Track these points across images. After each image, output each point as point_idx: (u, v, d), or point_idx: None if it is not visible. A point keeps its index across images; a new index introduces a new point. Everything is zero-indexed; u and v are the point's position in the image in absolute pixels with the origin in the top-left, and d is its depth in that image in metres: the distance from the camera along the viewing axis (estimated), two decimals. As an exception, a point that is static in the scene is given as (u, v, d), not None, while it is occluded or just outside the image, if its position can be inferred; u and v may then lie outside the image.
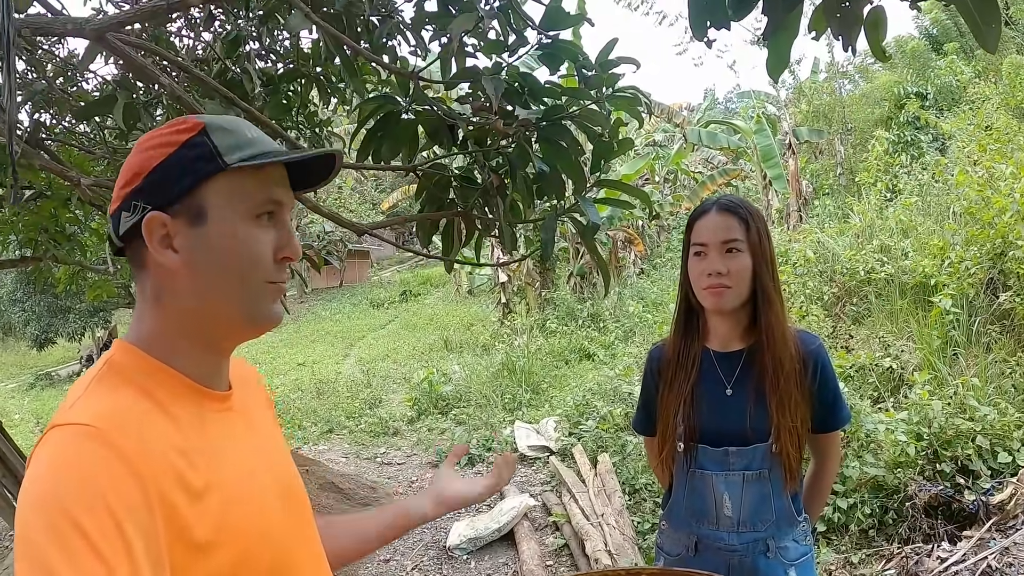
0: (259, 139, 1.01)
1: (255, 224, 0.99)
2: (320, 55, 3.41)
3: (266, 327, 1.04)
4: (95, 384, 0.93)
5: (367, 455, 8.32)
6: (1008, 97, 11.49)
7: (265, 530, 0.98)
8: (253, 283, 0.99)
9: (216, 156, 0.95)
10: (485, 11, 2.33)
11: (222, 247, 0.96)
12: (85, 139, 4.35)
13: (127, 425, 0.86)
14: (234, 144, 0.97)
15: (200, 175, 0.95)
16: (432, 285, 27.68)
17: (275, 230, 1.01)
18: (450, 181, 2.83)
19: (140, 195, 0.96)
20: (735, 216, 1.82)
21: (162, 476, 0.85)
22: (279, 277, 1.02)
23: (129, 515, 0.79)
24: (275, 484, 1.05)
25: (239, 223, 0.97)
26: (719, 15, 1.58)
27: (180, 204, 0.95)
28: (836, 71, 19.30)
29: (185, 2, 1.73)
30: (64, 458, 0.82)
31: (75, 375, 23.46)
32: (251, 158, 0.97)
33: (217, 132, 0.97)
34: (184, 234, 0.95)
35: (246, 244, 0.98)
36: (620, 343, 11.00)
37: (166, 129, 0.99)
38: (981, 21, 1.31)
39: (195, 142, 0.96)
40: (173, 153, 0.95)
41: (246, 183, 0.98)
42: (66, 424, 0.85)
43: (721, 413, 1.88)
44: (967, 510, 3.79)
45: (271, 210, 1.00)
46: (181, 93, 2.13)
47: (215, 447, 0.96)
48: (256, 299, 1.01)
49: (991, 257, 5.85)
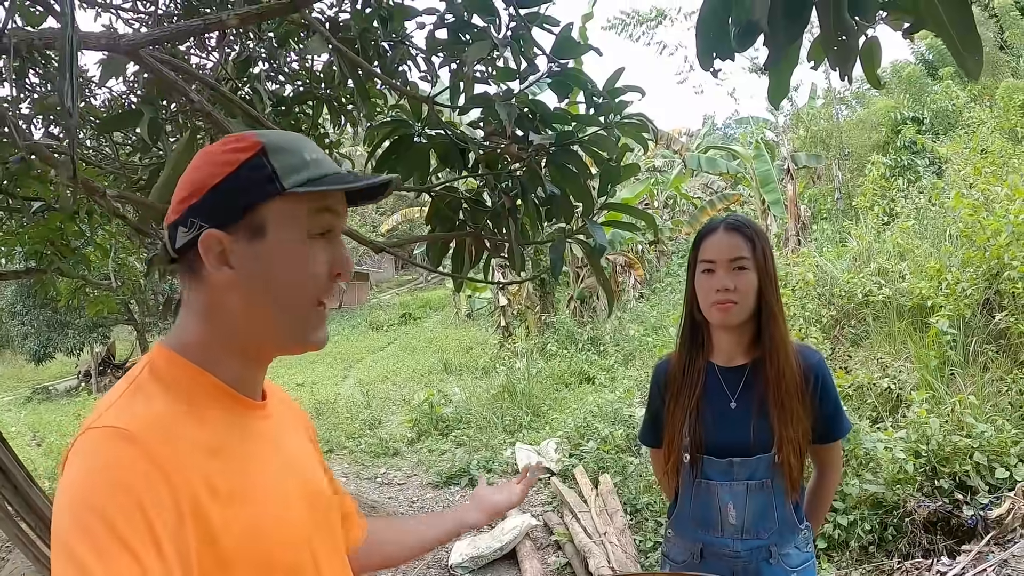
0: (318, 160, 1.01)
1: (312, 243, 1.00)
2: (333, 78, 3.50)
3: (312, 348, 1.05)
4: (132, 389, 0.95)
5: (367, 475, 8.32)
6: (1003, 121, 11.63)
7: (290, 536, 0.99)
8: (306, 302, 1.01)
9: (275, 179, 0.97)
10: (498, 39, 2.43)
11: (279, 265, 0.98)
12: (92, 154, 4.42)
13: (160, 430, 0.88)
14: (292, 166, 0.98)
15: (258, 197, 0.97)
16: (431, 308, 27.68)
17: (330, 247, 1.03)
18: (461, 203, 2.92)
19: (198, 212, 0.97)
20: (742, 235, 1.90)
21: (193, 481, 0.87)
22: (330, 295, 1.03)
23: (159, 514, 0.81)
24: (303, 492, 1.06)
25: (297, 242, 0.99)
26: (724, 46, 1.67)
27: (237, 223, 0.97)
28: (833, 97, 19.50)
29: (223, 23, 1.81)
30: (97, 460, 0.84)
31: (73, 390, 23.40)
32: (308, 182, 0.98)
33: (276, 153, 0.98)
34: (240, 251, 0.97)
35: (303, 262, 0.99)
36: (620, 366, 11.02)
37: (226, 146, 1.00)
38: (963, 50, 1.39)
39: (254, 163, 0.97)
40: (232, 173, 0.97)
41: (304, 204, 0.99)
42: (100, 427, 0.87)
43: (725, 425, 1.95)
44: (965, 525, 3.84)
45: (328, 229, 1.02)
46: (211, 110, 2.22)
47: (247, 453, 0.99)
48: (306, 318, 1.02)
49: (987, 278, 5.92)
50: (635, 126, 2.60)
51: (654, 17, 22.28)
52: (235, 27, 1.82)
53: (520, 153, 2.54)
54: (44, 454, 11.23)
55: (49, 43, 2.29)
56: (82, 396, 19.46)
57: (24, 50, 2.34)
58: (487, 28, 2.58)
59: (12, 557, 5.65)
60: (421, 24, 2.92)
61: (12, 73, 3.12)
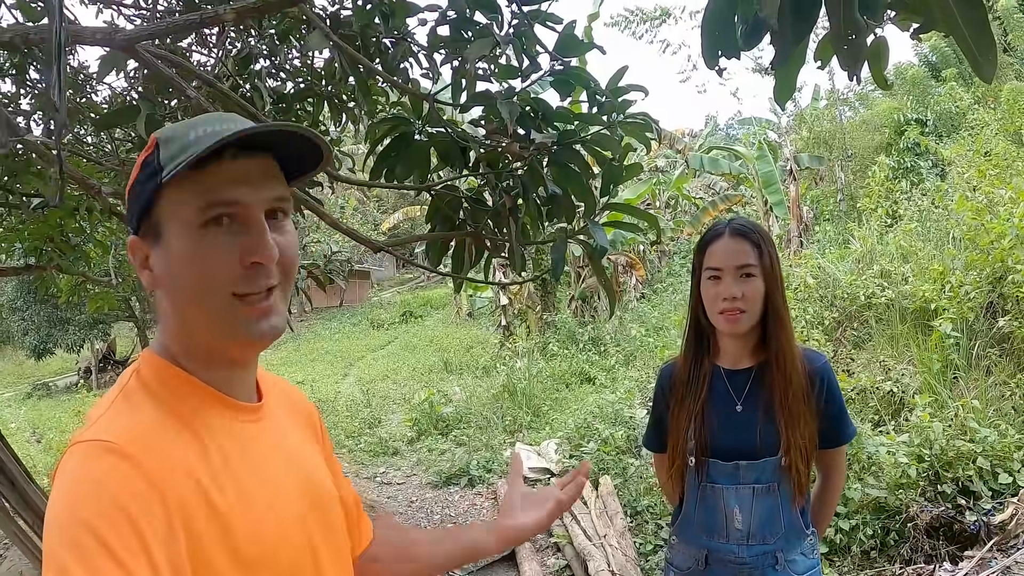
0: (204, 136, 0.90)
1: (203, 233, 0.91)
2: (334, 74, 3.48)
3: (254, 343, 0.97)
4: (120, 400, 0.93)
5: (367, 474, 8.30)
6: (1007, 123, 11.59)
7: (289, 539, 0.98)
8: (218, 297, 0.92)
9: (158, 171, 0.91)
10: (501, 37, 2.40)
11: (178, 263, 0.92)
12: (92, 151, 4.41)
13: (149, 441, 0.87)
14: (174, 152, 0.90)
15: (148, 195, 0.92)
16: (432, 307, 27.68)
17: (236, 234, 0.92)
18: (462, 202, 2.89)
19: (128, 219, 0.99)
20: (748, 240, 1.88)
21: (184, 490, 0.86)
22: (247, 287, 0.93)
23: (150, 527, 0.80)
24: (303, 492, 1.04)
25: (188, 233, 0.91)
26: (730, 44, 1.64)
27: (144, 226, 0.95)
28: (836, 98, 19.47)
29: (219, 18, 1.78)
30: (85, 473, 0.83)
31: (73, 386, 23.42)
32: (180, 164, 0.88)
33: (164, 144, 0.92)
34: (153, 255, 0.95)
35: (199, 255, 0.91)
36: (621, 367, 11.00)
37: (143, 151, 0.97)
38: (978, 53, 1.36)
39: (148, 160, 0.93)
40: (137, 175, 0.95)
41: (184, 192, 0.90)
42: (89, 440, 0.86)
43: (731, 428, 1.93)
44: (968, 531, 3.82)
45: (222, 213, 0.91)
46: (207, 106, 2.19)
47: (241, 458, 0.96)
48: (224, 315, 0.93)
49: (990, 281, 5.90)
50: (638, 125, 2.58)
51: (658, 16, 22.25)
52: (232, 22, 1.79)
53: (522, 152, 2.52)
54: (43, 451, 11.24)
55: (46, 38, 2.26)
56: (82, 392, 19.43)
57: (21, 45, 2.31)
58: (489, 25, 2.56)
59: (10, 554, 5.63)
60: (423, 21, 2.89)
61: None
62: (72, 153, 4.09)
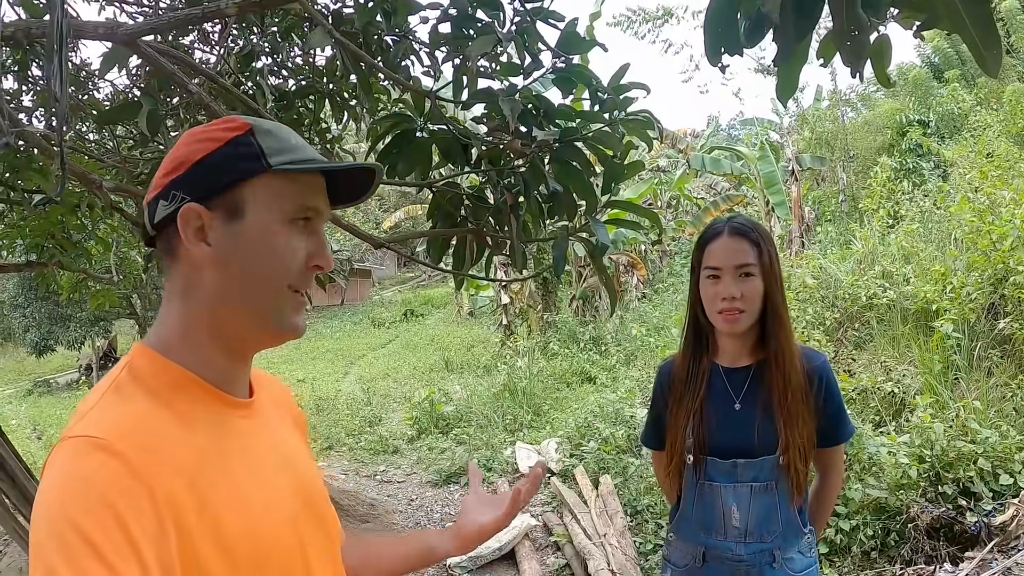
0: (302, 146, 1.01)
1: (290, 228, 0.99)
2: (336, 72, 3.47)
3: (286, 336, 1.03)
4: (111, 393, 0.92)
5: (367, 472, 8.30)
6: (1009, 124, 11.59)
7: (279, 534, 0.97)
8: (278, 285, 0.99)
9: (261, 156, 0.96)
10: (503, 34, 2.40)
11: (255, 245, 0.97)
12: (94, 148, 4.41)
13: (139, 437, 0.86)
14: (279, 148, 0.98)
15: (243, 173, 0.96)
16: (433, 305, 27.70)
17: (309, 237, 1.01)
18: (463, 199, 2.89)
19: (181, 185, 0.96)
20: (747, 239, 1.87)
21: (174, 487, 0.85)
22: (304, 284, 1.02)
23: (139, 525, 0.79)
24: (295, 490, 1.04)
25: (275, 224, 0.98)
26: (733, 41, 1.64)
27: (219, 198, 0.96)
28: (839, 99, 19.45)
29: (220, 12, 1.78)
30: (73, 470, 0.82)
31: (74, 383, 23.46)
32: (293, 163, 0.98)
33: (263, 135, 0.98)
34: (219, 229, 0.96)
35: (279, 245, 0.98)
36: (622, 366, 11.00)
37: (213, 125, 1.00)
38: (983, 47, 1.35)
39: (242, 140, 0.97)
40: (219, 148, 0.96)
41: (286, 187, 0.98)
42: (77, 436, 0.85)
43: (730, 426, 1.92)
44: (969, 532, 3.81)
45: (308, 216, 1.01)
46: (209, 101, 2.19)
47: (234, 454, 0.96)
48: (279, 304, 1.00)
49: (992, 283, 5.89)
50: (640, 123, 2.57)
51: (661, 15, 22.24)
52: (234, 16, 1.79)
53: (523, 149, 2.51)
54: (44, 447, 11.25)
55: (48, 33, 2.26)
56: (83, 389, 19.47)
57: (24, 40, 2.31)
58: (491, 23, 2.56)
59: (9, 550, 5.62)
60: (425, 18, 2.89)
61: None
62: (74, 150, 4.09)
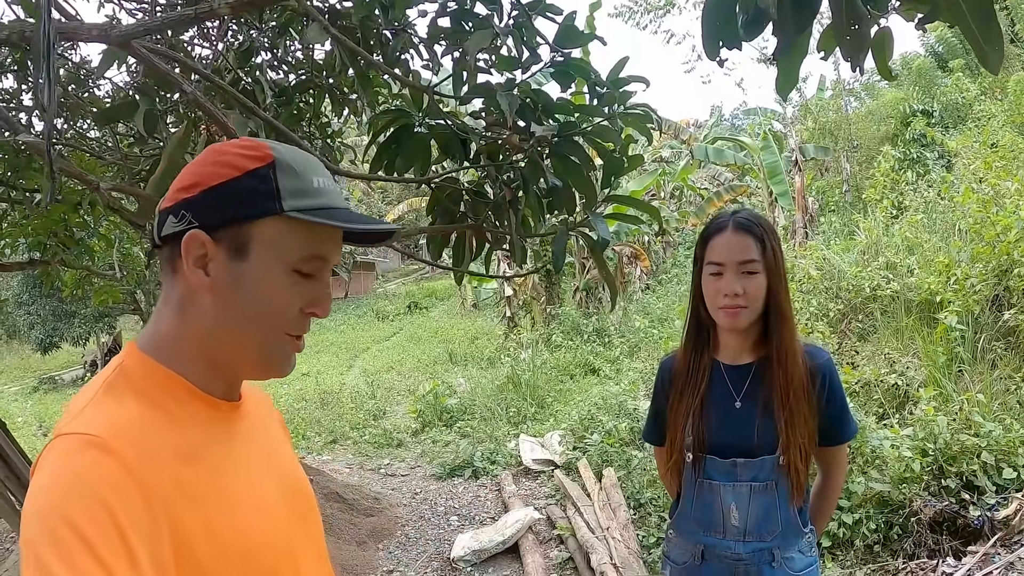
0: (325, 190, 0.98)
1: (292, 276, 0.96)
2: (334, 67, 3.46)
3: (271, 375, 1.02)
4: (103, 392, 0.92)
5: (371, 466, 8.30)
6: (1014, 114, 11.51)
7: (269, 536, 0.98)
8: (272, 332, 0.98)
9: (275, 198, 0.93)
10: (501, 28, 2.38)
11: (253, 289, 0.95)
12: (95, 145, 4.40)
13: (131, 435, 0.86)
14: (297, 189, 0.95)
15: (253, 212, 0.93)
16: (437, 298, 27.72)
17: (311, 285, 0.99)
18: (462, 194, 2.88)
19: (191, 208, 0.94)
20: (751, 235, 1.83)
21: (166, 486, 0.85)
22: (300, 329, 1.00)
23: (132, 522, 0.79)
24: (281, 491, 1.05)
25: (277, 271, 0.95)
26: (731, 35, 1.62)
27: (226, 231, 0.93)
28: (842, 89, 19.36)
29: (213, 12, 1.76)
30: (67, 467, 0.82)
31: (79, 380, 23.52)
32: (309, 210, 0.94)
33: (284, 171, 0.95)
34: (221, 263, 0.94)
35: (276, 294, 0.96)
36: (625, 358, 10.99)
37: (237, 148, 0.97)
38: (984, 42, 1.33)
39: (260, 174, 0.94)
40: (235, 179, 0.93)
41: (296, 233, 0.95)
42: (71, 434, 0.85)
43: (730, 425, 1.90)
44: (972, 526, 3.79)
45: (313, 267, 0.98)
46: (204, 101, 2.17)
47: (223, 457, 0.97)
48: (272, 347, 0.99)
49: (996, 274, 5.86)
50: (639, 117, 2.56)
51: (663, 5, 22.12)
52: (227, 15, 1.77)
53: (522, 144, 2.50)
54: (49, 443, 11.24)
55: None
56: (88, 385, 19.45)
57: (19, 41, 2.30)
58: (489, 16, 2.54)
59: (16, 548, 5.65)
60: (423, 12, 2.87)
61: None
62: (74, 148, 4.09)
